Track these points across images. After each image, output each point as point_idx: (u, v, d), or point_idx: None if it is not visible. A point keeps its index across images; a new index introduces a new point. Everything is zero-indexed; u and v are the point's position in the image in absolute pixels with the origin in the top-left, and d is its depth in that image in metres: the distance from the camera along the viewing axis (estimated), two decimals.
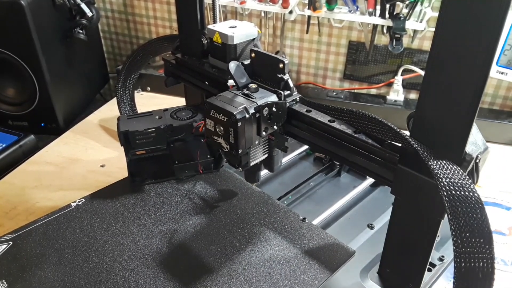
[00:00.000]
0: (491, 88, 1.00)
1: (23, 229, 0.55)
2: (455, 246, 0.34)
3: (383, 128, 0.43)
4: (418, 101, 0.39)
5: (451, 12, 0.34)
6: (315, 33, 1.07)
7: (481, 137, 0.42)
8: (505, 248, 0.64)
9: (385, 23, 0.88)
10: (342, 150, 0.48)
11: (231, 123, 0.47)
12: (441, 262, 0.55)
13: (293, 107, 0.52)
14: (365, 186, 0.70)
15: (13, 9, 0.84)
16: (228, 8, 1.08)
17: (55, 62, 0.95)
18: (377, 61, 1.06)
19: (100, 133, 0.95)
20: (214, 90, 0.60)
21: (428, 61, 0.37)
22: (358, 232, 0.61)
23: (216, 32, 0.58)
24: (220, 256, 0.52)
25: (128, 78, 0.81)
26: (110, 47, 1.33)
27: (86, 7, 0.98)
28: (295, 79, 1.16)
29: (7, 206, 0.71)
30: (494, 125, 0.93)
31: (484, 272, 0.33)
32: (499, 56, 0.73)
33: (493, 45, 0.33)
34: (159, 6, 1.19)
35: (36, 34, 0.88)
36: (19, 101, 0.97)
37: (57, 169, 0.81)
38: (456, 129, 0.38)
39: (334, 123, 0.48)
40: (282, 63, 0.51)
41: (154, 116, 0.63)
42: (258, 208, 0.59)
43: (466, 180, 0.36)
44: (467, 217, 0.34)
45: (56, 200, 0.72)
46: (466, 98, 0.36)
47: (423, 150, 0.39)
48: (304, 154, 0.79)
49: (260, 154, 0.56)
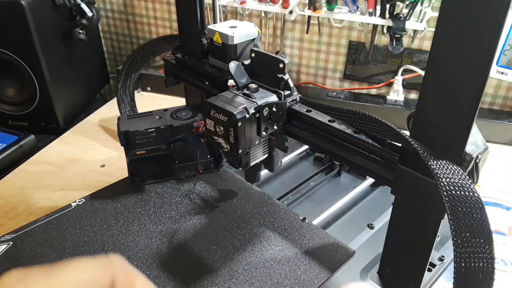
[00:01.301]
0: (491, 88, 1.00)
1: (23, 229, 0.55)
2: (455, 246, 0.34)
3: (383, 128, 0.43)
4: (418, 101, 0.39)
5: (451, 12, 0.34)
6: (315, 33, 1.07)
7: (481, 137, 0.42)
8: (505, 248, 0.64)
9: (385, 23, 0.88)
10: (342, 150, 0.48)
11: (231, 123, 0.47)
12: (441, 262, 0.55)
13: (293, 107, 0.52)
14: (365, 186, 0.70)
15: (13, 9, 0.84)
16: (228, 8, 1.08)
17: (55, 62, 0.95)
18: (377, 61, 1.06)
19: (100, 133, 0.95)
20: (214, 90, 0.60)
21: (428, 61, 0.37)
22: (358, 232, 0.61)
23: (216, 32, 0.58)
24: (220, 256, 0.52)
25: (128, 78, 0.81)
26: (110, 47, 1.33)
27: (86, 7, 0.98)
28: (295, 79, 1.16)
29: (7, 206, 0.71)
30: (494, 125, 0.93)
31: (484, 272, 0.33)
32: (499, 56, 0.73)
33: (493, 45, 0.33)
34: (159, 6, 1.19)
35: (36, 34, 0.88)
36: (19, 101, 0.97)
37: (57, 169, 0.81)
38: (456, 129, 0.38)
39: (334, 123, 0.48)
40: (282, 63, 0.51)
41: (154, 116, 0.63)
42: (258, 208, 0.59)
43: (466, 180, 0.36)
44: (467, 217, 0.34)
45: (56, 200, 0.72)
46: (466, 98, 0.36)
47: (423, 150, 0.39)
48: (304, 154, 0.79)
49: (260, 154, 0.56)
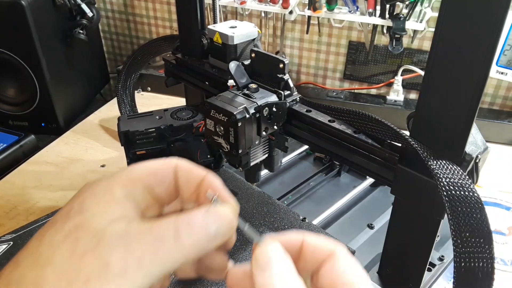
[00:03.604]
0: (491, 88, 1.00)
1: (23, 229, 0.55)
2: (455, 246, 0.34)
3: (383, 128, 0.43)
4: (418, 101, 0.39)
5: (451, 12, 0.34)
6: (315, 33, 1.07)
7: (481, 137, 0.42)
8: (505, 248, 0.64)
9: (385, 23, 0.88)
10: (342, 150, 0.48)
11: (231, 123, 0.47)
12: (441, 262, 0.55)
13: (293, 107, 0.52)
14: (365, 186, 0.70)
15: (13, 9, 0.84)
16: (228, 8, 1.08)
17: (55, 62, 0.95)
18: (377, 61, 1.06)
19: (100, 133, 0.95)
20: (214, 90, 0.61)
21: (428, 61, 0.37)
22: (358, 232, 0.61)
23: (216, 32, 0.58)
24: None
25: (129, 78, 0.81)
26: (111, 47, 1.33)
27: (87, 7, 0.98)
28: (295, 79, 1.16)
29: (7, 206, 0.71)
30: (494, 125, 0.93)
31: (484, 272, 0.33)
32: (499, 56, 0.73)
33: (493, 45, 0.33)
34: (159, 6, 1.19)
35: (36, 34, 0.88)
36: (19, 101, 0.97)
37: (57, 169, 0.81)
38: (456, 129, 0.38)
39: (334, 123, 0.48)
40: (282, 63, 0.51)
41: (154, 116, 0.63)
42: (258, 208, 0.59)
43: (466, 180, 0.36)
44: (467, 217, 0.34)
45: (56, 200, 0.73)
46: (466, 98, 0.36)
47: (423, 150, 0.39)
48: (304, 154, 0.79)
49: (260, 154, 0.56)
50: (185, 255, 0.22)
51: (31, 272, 0.21)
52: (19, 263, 0.21)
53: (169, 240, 0.22)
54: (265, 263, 0.23)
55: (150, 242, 0.21)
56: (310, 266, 0.25)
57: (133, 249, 0.21)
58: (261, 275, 0.22)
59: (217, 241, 0.24)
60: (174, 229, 0.22)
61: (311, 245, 0.25)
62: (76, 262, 0.21)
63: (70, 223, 0.22)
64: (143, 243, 0.21)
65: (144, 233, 0.22)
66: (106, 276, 0.20)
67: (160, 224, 0.22)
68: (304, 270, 0.25)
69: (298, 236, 0.25)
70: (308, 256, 0.25)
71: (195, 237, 0.23)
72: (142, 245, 0.21)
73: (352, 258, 0.25)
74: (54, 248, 0.21)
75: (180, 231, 0.22)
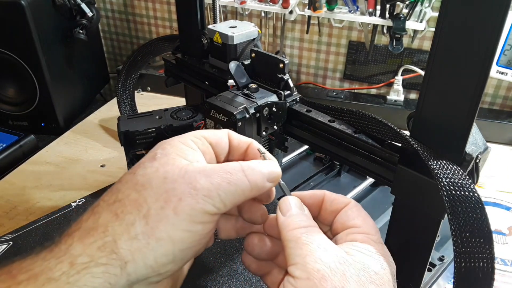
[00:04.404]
0: (491, 88, 1.00)
1: (23, 229, 0.55)
2: (455, 246, 0.34)
3: (383, 128, 0.43)
4: (418, 101, 0.39)
5: (451, 12, 0.34)
6: (315, 33, 1.07)
7: (481, 137, 0.42)
8: (505, 248, 0.64)
9: (385, 23, 0.88)
10: (342, 150, 0.48)
11: (231, 123, 0.47)
12: (441, 262, 0.55)
13: (293, 107, 0.52)
14: (365, 186, 0.70)
15: (13, 9, 0.84)
16: (228, 8, 1.08)
17: (55, 62, 0.95)
18: (377, 61, 1.06)
19: (100, 133, 0.95)
20: (214, 90, 0.60)
21: (428, 61, 0.37)
22: None
23: (216, 32, 0.58)
24: (220, 256, 0.52)
25: (129, 78, 0.81)
26: (110, 47, 1.33)
27: (87, 7, 0.98)
28: (295, 79, 1.16)
29: (7, 206, 0.71)
30: (494, 125, 0.93)
31: (484, 272, 0.33)
32: (499, 56, 0.74)
33: (493, 45, 0.33)
34: (159, 6, 1.19)
35: (36, 34, 0.88)
36: (19, 101, 0.97)
37: (57, 169, 0.81)
38: (456, 129, 0.38)
39: (334, 123, 0.48)
40: (282, 63, 0.51)
41: (154, 116, 0.63)
42: None
43: (466, 180, 0.36)
44: (467, 217, 0.34)
45: (56, 200, 0.72)
46: (466, 98, 0.36)
47: (423, 150, 0.39)
48: (304, 154, 0.79)
49: None
50: (249, 189, 0.29)
51: (131, 194, 0.27)
52: (118, 189, 0.28)
53: (238, 174, 0.29)
54: (285, 209, 0.31)
55: (225, 175, 0.28)
56: (329, 217, 0.33)
57: (212, 178, 0.28)
58: (282, 217, 0.31)
59: (268, 184, 0.31)
60: (241, 168, 0.29)
61: (330, 198, 0.33)
62: (169, 186, 0.27)
63: (157, 162, 0.28)
64: (220, 175, 0.28)
65: (218, 169, 0.29)
66: (195, 196, 0.27)
67: (228, 164, 0.29)
68: (324, 221, 0.34)
69: (320, 192, 0.34)
70: (327, 207, 0.33)
71: (255, 176, 0.30)
72: (219, 176, 0.28)
73: (364, 211, 0.32)
74: (149, 177, 0.28)
75: (245, 170, 0.29)
